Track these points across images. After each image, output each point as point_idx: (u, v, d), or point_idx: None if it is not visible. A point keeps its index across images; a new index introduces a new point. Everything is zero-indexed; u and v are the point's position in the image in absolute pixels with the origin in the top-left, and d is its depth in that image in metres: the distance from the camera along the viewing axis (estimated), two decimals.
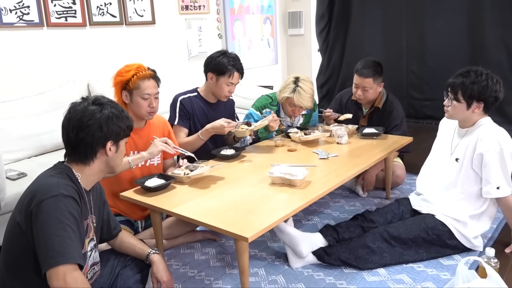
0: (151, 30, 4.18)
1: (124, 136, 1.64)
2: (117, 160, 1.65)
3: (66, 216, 1.43)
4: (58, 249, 1.38)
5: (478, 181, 2.17)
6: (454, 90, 2.13)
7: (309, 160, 2.47)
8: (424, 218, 2.22)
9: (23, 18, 3.24)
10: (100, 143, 1.55)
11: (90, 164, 1.57)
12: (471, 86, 2.08)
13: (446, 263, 2.16)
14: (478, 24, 4.55)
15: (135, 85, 2.22)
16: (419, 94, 5.09)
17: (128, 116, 1.66)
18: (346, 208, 2.88)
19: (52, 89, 3.33)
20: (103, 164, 1.61)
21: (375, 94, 2.99)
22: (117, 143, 1.61)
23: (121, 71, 2.26)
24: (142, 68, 2.26)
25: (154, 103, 2.26)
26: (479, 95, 2.09)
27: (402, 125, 3.01)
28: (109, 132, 1.55)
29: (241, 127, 2.59)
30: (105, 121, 1.54)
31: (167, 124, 2.52)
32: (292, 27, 5.75)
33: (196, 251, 2.40)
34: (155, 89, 2.27)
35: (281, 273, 2.15)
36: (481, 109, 2.13)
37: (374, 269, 2.13)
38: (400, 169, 3.07)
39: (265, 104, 3.02)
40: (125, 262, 1.85)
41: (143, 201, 2.04)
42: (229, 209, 1.89)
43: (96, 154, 1.57)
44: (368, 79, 2.90)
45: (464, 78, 2.11)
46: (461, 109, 2.15)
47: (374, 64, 2.94)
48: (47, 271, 1.37)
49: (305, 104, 2.83)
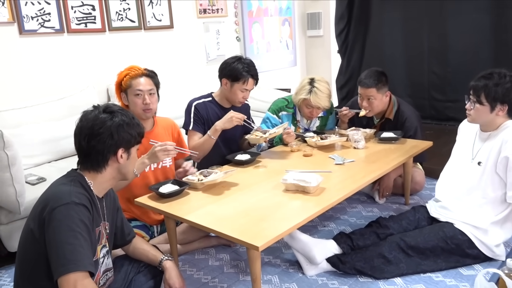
0: (170, 34, 4.21)
1: (135, 143, 1.66)
2: (129, 167, 1.66)
3: (78, 224, 1.44)
4: (69, 257, 1.40)
5: (501, 186, 2.10)
6: (477, 93, 2.07)
7: (324, 166, 2.43)
8: (443, 227, 2.16)
9: (44, 25, 3.32)
10: (112, 150, 1.57)
11: (102, 172, 1.59)
12: (494, 88, 2.03)
13: (466, 273, 2.09)
14: (503, 23, 4.40)
15: (127, 84, 2.27)
16: (441, 95, 4.96)
17: (139, 124, 1.68)
18: (363, 214, 2.83)
19: (72, 94, 3.38)
20: (115, 171, 1.63)
21: (382, 104, 2.91)
22: (128, 150, 1.63)
23: (118, 75, 2.33)
24: (134, 68, 2.31)
25: (148, 99, 2.26)
26: (503, 97, 2.03)
27: (416, 135, 2.90)
28: (120, 139, 1.57)
29: (256, 133, 2.58)
30: (116, 128, 1.56)
31: (176, 126, 2.54)
32: (311, 29, 5.71)
33: (211, 257, 2.40)
34: (148, 86, 2.28)
35: (294, 281, 2.12)
36: (505, 112, 2.07)
37: (390, 278, 2.08)
38: (420, 176, 2.99)
39: (281, 107, 3.00)
40: (139, 268, 1.87)
41: (156, 207, 2.05)
42: (241, 217, 1.87)
43: (108, 162, 1.59)
44: (371, 89, 2.83)
45: (487, 80, 2.05)
46: (484, 112, 2.08)
47: (376, 73, 2.87)
48: (58, 279, 1.39)
49: (322, 104, 2.81)
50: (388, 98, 2.94)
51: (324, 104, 2.83)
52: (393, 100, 2.97)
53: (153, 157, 2.15)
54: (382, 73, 2.90)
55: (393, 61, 5.10)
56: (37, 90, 3.31)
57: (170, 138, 2.46)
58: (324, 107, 2.86)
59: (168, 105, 3.59)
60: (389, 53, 5.20)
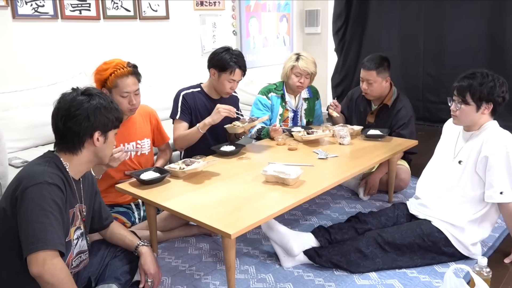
0: (165, 25, 4.21)
1: (112, 127, 1.66)
2: (105, 151, 1.67)
3: (49, 204, 1.46)
4: (39, 235, 1.41)
5: (481, 185, 2.11)
6: (462, 93, 2.09)
7: (308, 160, 2.44)
8: (420, 224, 2.17)
9: (38, 10, 3.32)
10: (88, 133, 1.58)
11: (78, 154, 1.60)
12: (479, 87, 2.05)
13: (440, 270, 2.11)
14: (499, 27, 4.41)
15: (113, 83, 2.22)
16: (435, 97, 4.97)
17: (118, 108, 1.69)
18: (346, 210, 2.84)
19: (64, 80, 3.38)
20: (91, 154, 1.64)
21: (381, 89, 2.95)
22: (105, 134, 1.63)
23: (99, 69, 2.27)
24: (120, 65, 2.23)
25: (134, 100, 2.26)
26: (488, 96, 2.05)
27: (409, 124, 2.95)
28: (96, 122, 1.58)
29: (234, 123, 2.60)
30: (92, 111, 1.57)
31: (154, 113, 2.56)
32: (309, 26, 5.70)
33: (190, 246, 2.41)
34: (134, 86, 2.26)
35: (271, 272, 2.14)
36: (489, 111, 2.09)
37: (366, 272, 2.10)
38: (405, 173, 3.01)
39: (271, 89, 3.11)
40: (115, 252, 1.89)
41: (136, 193, 2.07)
42: (218, 205, 1.89)
43: (84, 144, 1.60)
44: (371, 71, 2.90)
45: (471, 80, 2.08)
46: (470, 112, 2.10)
47: (379, 57, 2.95)
48: (27, 257, 1.41)
49: (310, 68, 2.96)
50: (388, 84, 3.00)
51: (311, 68, 2.97)
52: (393, 88, 3.04)
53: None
54: (385, 58, 2.96)
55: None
56: (28, 75, 3.32)
57: (148, 125, 2.47)
58: (312, 71, 2.98)
59: (161, 96, 3.61)
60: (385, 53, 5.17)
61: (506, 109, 2.19)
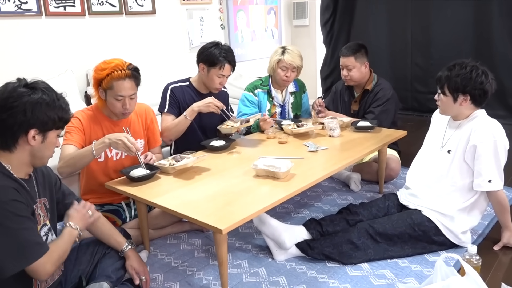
0: (152, 20, 4.17)
1: (53, 127, 1.52)
2: (44, 151, 1.54)
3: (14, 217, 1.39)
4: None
5: (469, 174, 2.13)
6: (441, 84, 2.13)
7: (298, 153, 2.44)
8: (411, 214, 2.19)
9: (21, 7, 3.26)
10: (22, 129, 1.45)
11: (13, 151, 1.48)
12: (455, 78, 2.07)
13: (431, 259, 2.12)
14: (485, 16, 4.44)
15: (109, 85, 2.13)
16: (424, 87, 5.00)
17: (64, 108, 1.53)
18: (337, 201, 2.85)
19: (50, 78, 3.33)
20: (27, 154, 1.50)
21: (361, 74, 3.04)
22: (44, 133, 1.49)
23: (98, 67, 2.18)
24: (119, 67, 2.13)
25: (127, 104, 2.17)
26: (463, 88, 2.06)
27: (385, 105, 2.98)
28: (33, 118, 1.44)
29: (227, 123, 2.59)
30: (31, 105, 1.43)
31: (150, 111, 2.48)
32: (297, 18, 5.69)
33: (183, 242, 2.40)
34: (130, 91, 2.16)
35: (263, 266, 2.14)
36: (468, 102, 2.09)
37: (358, 263, 2.11)
38: (395, 162, 3.03)
39: (256, 85, 3.09)
40: (104, 250, 1.88)
41: (126, 191, 2.05)
42: (208, 201, 1.88)
43: (18, 141, 1.47)
44: (349, 57, 3.00)
45: (449, 71, 2.10)
46: (448, 102, 2.13)
47: (356, 44, 3.07)
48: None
49: (296, 62, 2.96)
50: (368, 70, 3.08)
51: (297, 62, 2.96)
52: (373, 74, 3.12)
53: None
54: (362, 45, 3.08)
55: (377, 53, 5.11)
56: (14, 73, 3.18)
57: (141, 125, 2.41)
58: (298, 65, 2.97)
59: (149, 92, 3.57)
60: (373, 45, 5.19)
61: (494, 98, 2.20)
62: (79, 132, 2.21)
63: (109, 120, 2.30)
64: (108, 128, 2.28)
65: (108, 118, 2.30)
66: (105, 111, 2.29)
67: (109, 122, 2.30)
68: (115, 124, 2.31)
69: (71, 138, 2.18)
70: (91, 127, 2.25)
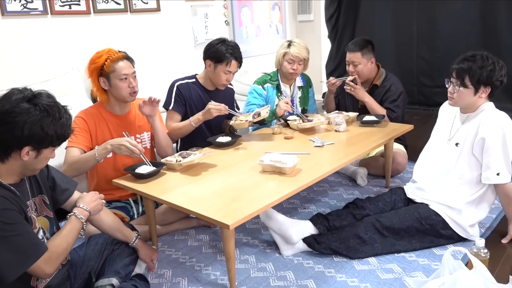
0: (156, 17, 4.17)
1: (49, 145, 1.49)
2: (36, 165, 1.52)
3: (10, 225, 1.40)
4: None
5: (478, 167, 2.12)
6: (461, 76, 2.07)
7: (304, 148, 2.44)
8: (418, 208, 2.18)
9: (27, 6, 3.28)
10: (17, 145, 1.43)
11: (5, 162, 1.46)
12: (479, 71, 2.03)
13: (438, 253, 2.12)
14: (491, 9, 4.39)
15: (110, 68, 2.20)
16: (430, 81, 4.97)
17: (66, 123, 1.50)
18: (344, 196, 2.85)
19: (57, 76, 3.36)
20: (18, 165, 1.48)
21: (368, 70, 3.03)
22: (38, 150, 1.47)
23: (93, 58, 2.25)
24: (113, 51, 2.25)
25: (133, 82, 2.25)
26: (487, 80, 2.04)
27: (398, 100, 3.01)
28: (29, 137, 1.42)
29: (240, 118, 2.59)
30: (30, 124, 1.41)
31: None
32: (301, 13, 5.67)
33: (190, 238, 2.42)
34: (130, 69, 2.25)
35: (271, 261, 2.15)
36: (487, 94, 2.08)
37: (365, 258, 2.11)
38: (401, 156, 3.02)
39: (266, 80, 3.09)
40: (113, 246, 1.91)
41: (133, 187, 2.07)
42: (215, 197, 1.89)
43: (11, 154, 1.45)
44: (356, 53, 3.00)
45: (471, 63, 2.05)
46: (468, 95, 2.09)
47: (363, 40, 3.05)
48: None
49: (302, 54, 2.94)
50: (374, 66, 3.08)
51: (304, 54, 2.95)
52: (381, 69, 3.11)
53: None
54: (369, 41, 3.06)
55: (383, 47, 5.07)
56: (21, 72, 3.29)
57: (145, 118, 2.42)
58: (304, 57, 2.97)
59: (155, 89, 3.58)
60: (379, 39, 5.16)
61: (501, 90, 2.18)
62: (84, 132, 2.23)
63: (114, 115, 2.32)
64: (114, 123, 2.30)
65: (113, 113, 2.32)
66: (108, 106, 2.31)
67: (114, 118, 2.32)
68: (120, 119, 2.32)
69: (75, 140, 2.19)
70: (96, 125, 2.27)
